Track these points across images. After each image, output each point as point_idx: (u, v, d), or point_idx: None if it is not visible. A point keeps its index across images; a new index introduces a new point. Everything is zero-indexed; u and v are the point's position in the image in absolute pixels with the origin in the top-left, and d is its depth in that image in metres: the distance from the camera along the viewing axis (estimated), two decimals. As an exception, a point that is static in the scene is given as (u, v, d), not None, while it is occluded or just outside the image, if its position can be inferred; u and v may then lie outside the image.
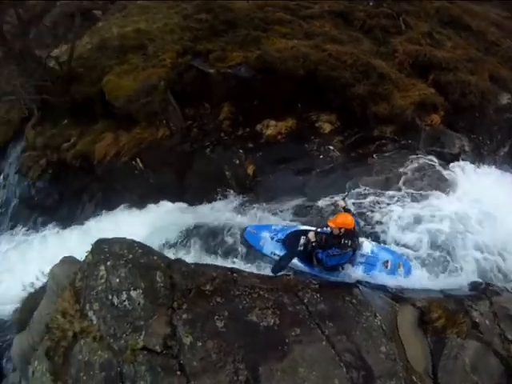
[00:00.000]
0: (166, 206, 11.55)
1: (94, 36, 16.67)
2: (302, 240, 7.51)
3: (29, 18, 16.41)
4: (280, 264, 7.02)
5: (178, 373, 5.09)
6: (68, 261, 7.02)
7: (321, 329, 5.62)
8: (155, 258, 6.27)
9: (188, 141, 12.11)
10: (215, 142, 11.89)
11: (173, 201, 11.57)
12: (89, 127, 13.75)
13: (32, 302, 7.20)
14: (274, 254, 7.63)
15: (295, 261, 7.30)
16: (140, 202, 11.89)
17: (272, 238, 7.80)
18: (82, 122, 14.11)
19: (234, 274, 6.31)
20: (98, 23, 18.34)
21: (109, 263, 5.97)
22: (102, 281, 5.81)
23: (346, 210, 7.64)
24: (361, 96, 11.50)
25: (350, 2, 15.79)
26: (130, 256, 6.09)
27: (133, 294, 5.67)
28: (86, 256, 6.30)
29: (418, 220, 8.75)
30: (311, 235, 7.25)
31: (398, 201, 9.27)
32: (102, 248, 6.25)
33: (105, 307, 5.63)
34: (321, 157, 11.22)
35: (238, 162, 11.44)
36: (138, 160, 12.06)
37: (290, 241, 7.65)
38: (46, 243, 12.60)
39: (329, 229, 7.03)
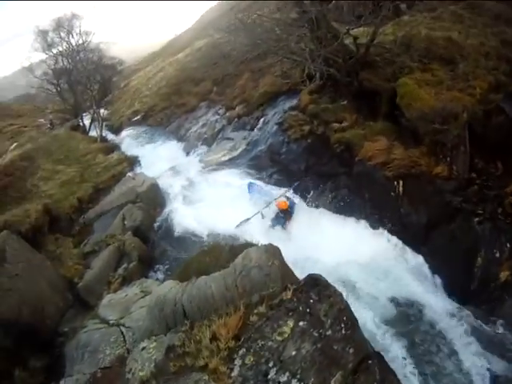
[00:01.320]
0: (396, 244, 11.42)
1: (399, 29, 16.45)
2: None
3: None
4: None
5: None
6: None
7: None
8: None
9: (461, 195, 10.68)
10: (487, 215, 10.12)
11: (406, 242, 11.26)
12: (366, 120, 14.09)
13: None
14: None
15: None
16: (376, 224, 12.02)
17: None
18: (360, 111, 14.60)
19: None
20: (404, 16, 17.98)
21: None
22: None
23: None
24: None
25: None
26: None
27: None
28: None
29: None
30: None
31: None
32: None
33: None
34: None
35: (497, 255, 9.69)
36: (400, 182, 11.57)
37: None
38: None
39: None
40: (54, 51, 36.71)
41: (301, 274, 8.09)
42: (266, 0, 21.43)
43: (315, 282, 7.29)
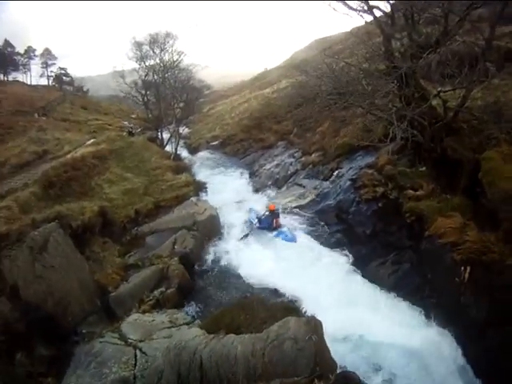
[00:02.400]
0: (446, 339, 10.41)
1: (489, 93, 15.83)
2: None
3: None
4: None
5: None
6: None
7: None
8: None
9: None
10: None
11: (456, 336, 10.36)
12: (443, 191, 13.51)
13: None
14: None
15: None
16: (430, 310, 11.20)
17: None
18: (438, 180, 14.05)
19: None
20: (494, 80, 16.43)
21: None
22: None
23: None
24: None
25: None
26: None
27: None
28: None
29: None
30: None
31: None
32: None
33: None
34: None
35: None
36: (467, 269, 10.58)
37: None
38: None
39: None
40: (147, 63, 39.75)
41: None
42: (359, 47, 21.81)
43: (347, 381, 7.02)
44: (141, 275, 14.38)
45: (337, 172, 19.48)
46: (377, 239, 14.34)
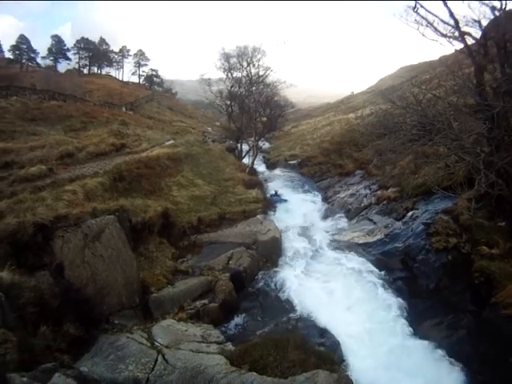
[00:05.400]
0: None
1: None
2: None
3: None
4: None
5: None
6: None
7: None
8: None
9: None
10: None
11: None
12: None
13: None
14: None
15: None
16: None
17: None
18: None
19: None
20: None
21: None
22: None
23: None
24: None
25: None
26: None
27: None
28: None
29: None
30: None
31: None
32: None
33: None
34: None
35: None
36: None
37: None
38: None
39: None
40: (234, 75, 41.27)
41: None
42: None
43: None
44: (188, 283, 14.79)
45: (411, 213, 18.85)
46: (438, 296, 13.61)
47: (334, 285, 15.81)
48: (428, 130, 15.62)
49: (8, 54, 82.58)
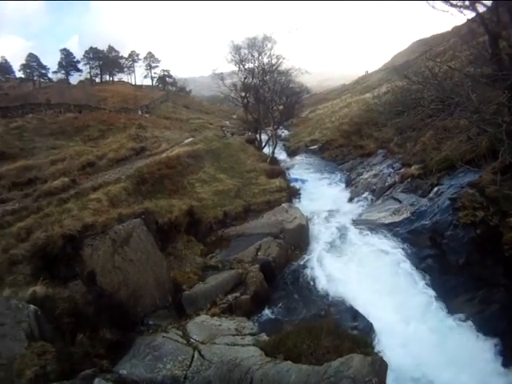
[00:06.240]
0: None
1: None
2: None
3: None
4: None
5: None
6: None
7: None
8: None
9: None
10: None
11: None
12: None
13: None
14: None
15: None
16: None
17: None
18: None
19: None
20: None
21: None
22: None
23: None
24: None
25: None
26: None
27: None
28: None
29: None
30: None
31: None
32: None
33: None
34: None
35: None
36: None
37: None
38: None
39: None
40: (246, 66, 41.43)
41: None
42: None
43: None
44: (218, 277, 15.02)
45: (436, 189, 18.57)
46: (469, 271, 13.49)
47: (363, 267, 15.80)
48: (447, 104, 15.35)
49: (19, 74, 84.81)
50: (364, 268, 15.76)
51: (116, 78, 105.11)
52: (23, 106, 40.36)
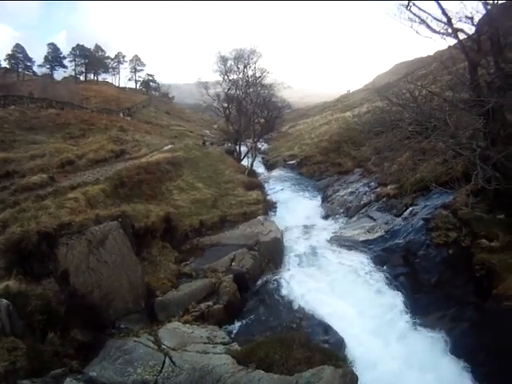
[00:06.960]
0: None
1: None
2: None
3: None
4: None
5: None
6: None
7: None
8: None
9: None
10: None
11: None
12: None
13: None
14: None
15: None
16: None
17: None
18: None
19: None
20: None
21: None
22: None
23: None
24: None
25: None
26: None
27: None
28: None
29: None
30: None
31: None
32: None
33: None
34: None
35: None
36: None
37: None
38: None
39: None
40: (230, 77, 41.77)
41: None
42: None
43: None
44: (192, 285, 14.95)
45: (411, 209, 18.98)
46: (440, 290, 13.70)
47: (336, 283, 15.80)
48: (425, 127, 15.70)
49: (4, 64, 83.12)
50: (336, 284, 15.76)
51: (100, 78, 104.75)
52: (6, 97, 39.89)
